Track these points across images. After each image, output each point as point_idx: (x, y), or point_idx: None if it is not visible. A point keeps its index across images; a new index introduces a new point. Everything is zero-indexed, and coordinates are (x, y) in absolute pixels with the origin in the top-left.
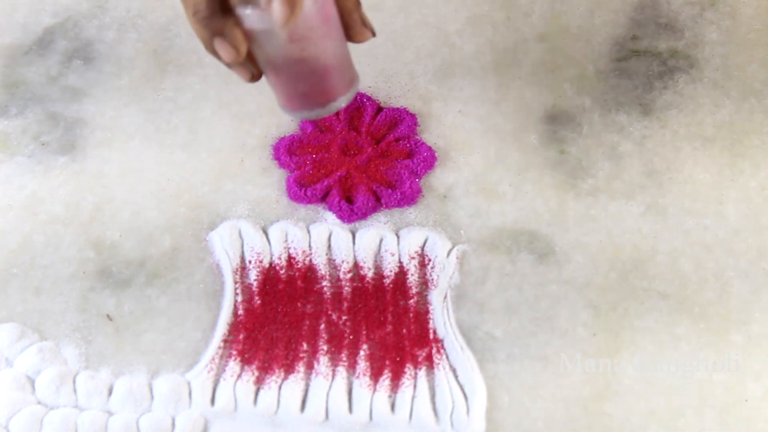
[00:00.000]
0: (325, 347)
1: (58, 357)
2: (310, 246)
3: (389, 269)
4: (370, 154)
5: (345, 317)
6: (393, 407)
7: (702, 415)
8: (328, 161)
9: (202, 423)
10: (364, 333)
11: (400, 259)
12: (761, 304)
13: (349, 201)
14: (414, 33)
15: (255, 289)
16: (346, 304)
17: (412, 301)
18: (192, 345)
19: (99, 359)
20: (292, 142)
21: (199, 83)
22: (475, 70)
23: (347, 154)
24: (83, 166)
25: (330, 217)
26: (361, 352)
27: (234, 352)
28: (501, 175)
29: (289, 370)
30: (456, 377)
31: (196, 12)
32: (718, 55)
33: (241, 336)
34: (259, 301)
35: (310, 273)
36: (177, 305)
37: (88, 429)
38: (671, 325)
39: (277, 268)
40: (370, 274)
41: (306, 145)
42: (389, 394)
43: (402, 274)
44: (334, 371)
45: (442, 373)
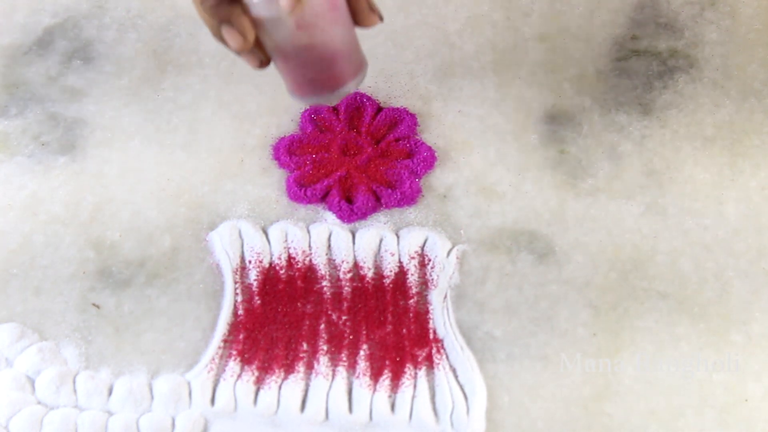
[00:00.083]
0: (325, 347)
1: (58, 357)
2: (310, 246)
3: (389, 269)
4: (370, 154)
5: (345, 317)
6: (393, 407)
7: (702, 415)
8: (328, 161)
9: (202, 423)
10: (364, 333)
11: (400, 259)
12: (761, 304)
13: (349, 201)
14: (414, 33)
15: (255, 289)
16: (346, 304)
17: (412, 301)
18: (192, 345)
19: (99, 359)
20: (292, 142)
21: (199, 83)
22: (475, 70)
23: (347, 154)
24: (83, 166)
25: (330, 217)
26: (361, 352)
27: (234, 352)
28: (501, 175)
29: (289, 370)
30: (456, 377)
31: (204, 0)
32: (717, 55)
33: (241, 336)
34: (259, 301)
35: (310, 273)
36: (177, 305)
37: (88, 429)
38: (671, 325)
39: (277, 268)
40: (370, 274)
41: (306, 145)
42: (389, 394)
43: (402, 274)
44: (334, 371)
45: (442, 373)
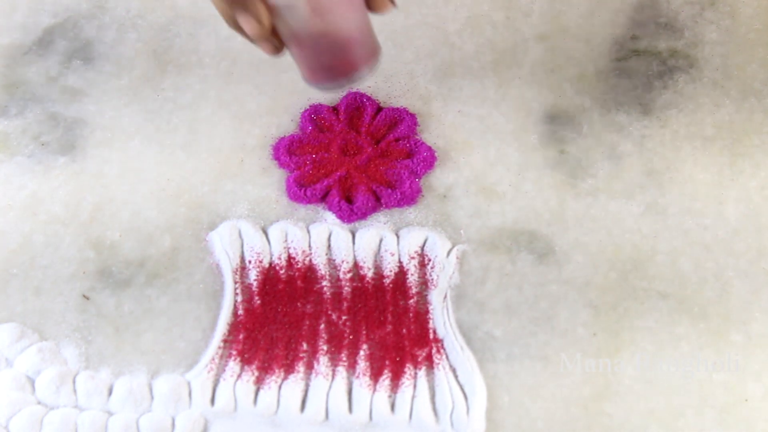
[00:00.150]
0: (325, 347)
1: (58, 357)
2: (309, 246)
3: (389, 269)
4: (370, 154)
5: (345, 317)
6: (393, 407)
7: (702, 415)
8: (328, 161)
9: (202, 423)
10: (364, 333)
11: (399, 259)
12: (761, 304)
13: (348, 201)
14: (414, 33)
15: (255, 289)
16: (346, 304)
17: (412, 301)
18: (192, 345)
19: (99, 359)
20: (292, 142)
21: (199, 83)
22: (475, 70)
23: (347, 154)
24: (83, 166)
25: (330, 217)
26: (361, 352)
27: (234, 352)
28: (501, 175)
29: (289, 370)
30: (456, 377)
31: None
32: (717, 55)
33: (241, 336)
34: (259, 301)
35: (310, 273)
36: (177, 305)
37: (88, 429)
38: (671, 325)
39: (277, 268)
40: (369, 274)
41: (306, 145)
42: (389, 394)
43: (402, 274)
44: (334, 371)
45: (442, 373)
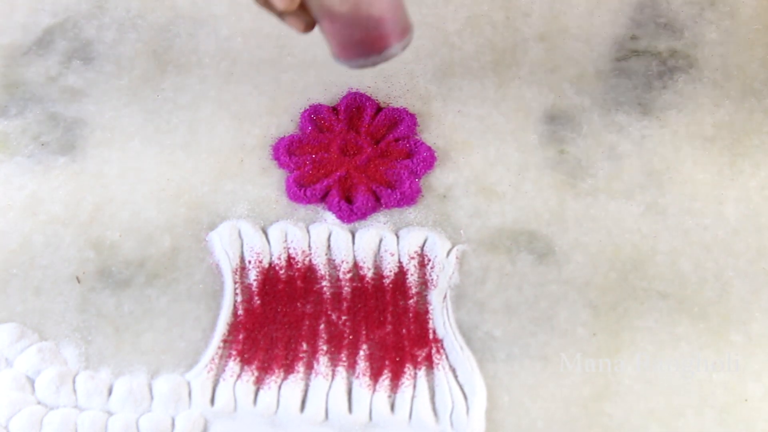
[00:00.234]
0: (324, 347)
1: (58, 357)
2: (309, 246)
3: (389, 269)
4: (370, 154)
5: (345, 317)
6: (393, 407)
7: (702, 415)
8: (328, 161)
9: (202, 423)
10: (364, 333)
11: (399, 259)
12: (761, 304)
13: (348, 201)
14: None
15: (255, 289)
16: (345, 304)
17: (411, 301)
18: (192, 345)
19: (99, 359)
20: (292, 142)
21: (199, 83)
22: (475, 70)
23: (347, 154)
24: (83, 166)
25: (330, 217)
26: (361, 352)
27: (234, 352)
28: (501, 175)
29: (288, 370)
30: (456, 377)
31: None
32: (717, 55)
33: (240, 336)
34: (258, 302)
35: (309, 273)
36: (177, 305)
37: (88, 429)
38: (671, 325)
39: (276, 268)
40: (369, 274)
41: (305, 145)
42: (389, 394)
43: (402, 274)
44: (333, 371)
45: (441, 373)
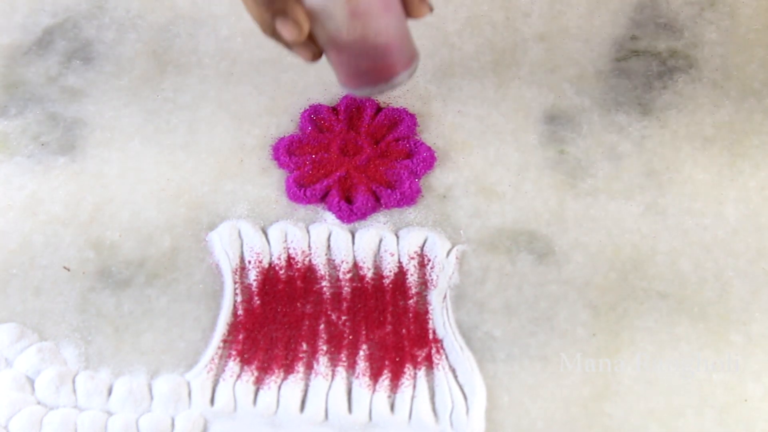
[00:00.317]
0: (324, 347)
1: (58, 357)
2: (309, 246)
3: (389, 269)
4: (370, 154)
5: (344, 317)
6: (392, 407)
7: (702, 415)
8: (328, 161)
9: (202, 423)
10: (364, 333)
11: (399, 259)
12: (761, 304)
13: (348, 201)
14: (414, 33)
15: (254, 289)
16: (345, 305)
17: (411, 301)
18: (192, 345)
19: (99, 359)
20: (292, 143)
21: (199, 83)
22: (475, 70)
23: (347, 154)
24: (83, 166)
25: (329, 217)
26: (361, 353)
27: (233, 353)
28: (500, 175)
29: (288, 370)
30: (455, 377)
31: None
32: (717, 55)
33: (240, 336)
34: (258, 302)
35: (309, 273)
36: (177, 305)
37: (88, 429)
38: (671, 325)
39: (276, 269)
40: (369, 275)
41: (305, 145)
42: (389, 394)
43: (401, 274)
44: (333, 371)
45: (441, 373)
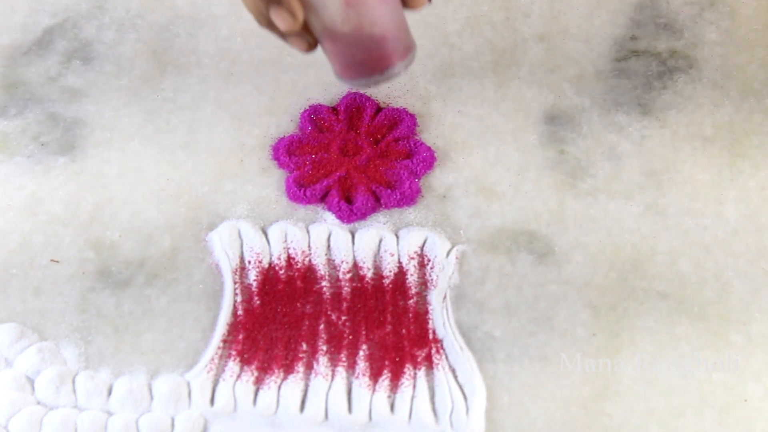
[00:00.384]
0: (324, 347)
1: (58, 357)
2: (309, 246)
3: (389, 269)
4: (370, 154)
5: (344, 317)
6: (392, 407)
7: (702, 415)
8: (328, 161)
9: (202, 423)
10: (364, 333)
11: (399, 259)
12: (761, 304)
13: (348, 201)
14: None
15: (254, 289)
16: (345, 305)
17: (411, 301)
18: (191, 345)
19: (99, 359)
20: (292, 143)
21: (199, 83)
22: (475, 70)
23: (346, 154)
24: (83, 166)
25: (329, 217)
26: (361, 353)
27: (233, 353)
28: (500, 175)
29: (288, 370)
30: (455, 377)
31: None
32: (717, 56)
33: (240, 336)
34: (258, 302)
35: (309, 273)
36: (176, 305)
37: (88, 429)
38: (671, 325)
39: (276, 269)
40: (369, 275)
41: (305, 145)
42: (389, 394)
43: (401, 274)
44: (333, 371)
45: (441, 373)
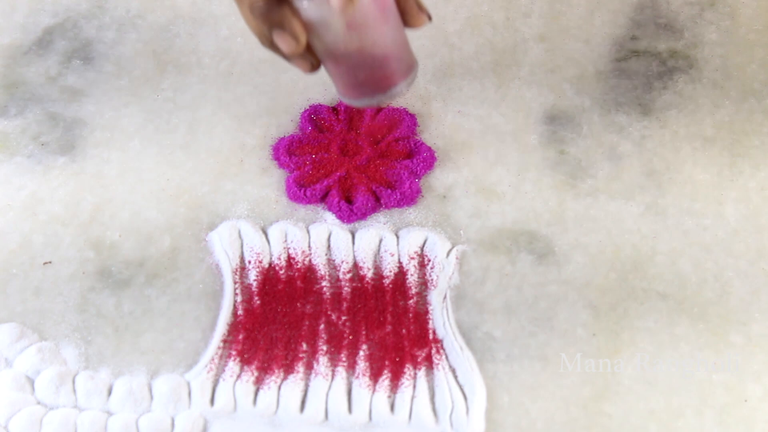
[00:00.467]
0: (324, 347)
1: (58, 357)
2: (309, 246)
3: (389, 269)
4: (370, 154)
5: (344, 317)
6: (392, 407)
7: (702, 415)
8: (328, 161)
9: (202, 423)
10: (364, 333)
11: (399, 259)
12: (761, 305)
13: (348, 201)
14: (414, 33)
15: (254, 289)
16: (345, 305)
17: (411, 301)
18: (191, 345)
19: (99, 359)
20: (292, 143)
21: (199, 83)
22: (475, 71)
23: (347, 154)
24: (83, 166)
25: (329, 217)
26: (361, 353)
27: (233, 353)
28: (500, 176)
29: (288, 370)
30: (455, 377)
31: (253, 6)
32: (717, 56)
33: (240, 336)
34: (258, 302)
35: (309, 273)
36: (177, 305)
37: (88, 429)
38: (671, 325)
39: (276, 269)
40: (369, 275)
41: (305, 145)
42: (389, 394)
43: (401, 274)
44: (333, 371)
45: (441, 373)
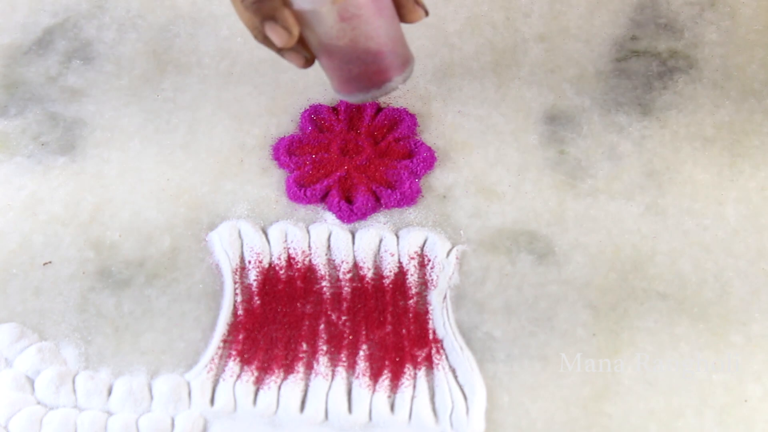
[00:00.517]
0: (324, 347)
1: (58, 357)
2: (309, 246)
3: (389, 269)
4: (370, 154)
5: (344, 317)
6: (392, 407)
7: (701, 415)
8: (328, 161)
9: (202, 423)
10: (364, 333)
11: (399, 259)
12: (761, 305)
13: (348, 201)
14: (414, 33)
15: (254, 289)
16: (345, 305)
17: (411, 301)
18: (191, 345)
19: (99, 359)
20: (292, 143)
21: (199, 83)
22: (475, 71)
23: (347, 154)
24: (83, 166)
25: (330, 217)
26: (361, 353)
27: (233, 353)
28: (500, 176)
29: (288, 370)
30: (455, 377)
31: None
32: (717, 56)
33: (240, 336)
34: (258, 302)
35: (309, 273)
36: (177, 305)
37: (88, 429)
38: (671, 325)
39: (276, 269)
40: (369, 275)
41: (305, 145)
42: (389, 394)
43: (401, 274)
44: (333, 371)
45: (441, 373)
